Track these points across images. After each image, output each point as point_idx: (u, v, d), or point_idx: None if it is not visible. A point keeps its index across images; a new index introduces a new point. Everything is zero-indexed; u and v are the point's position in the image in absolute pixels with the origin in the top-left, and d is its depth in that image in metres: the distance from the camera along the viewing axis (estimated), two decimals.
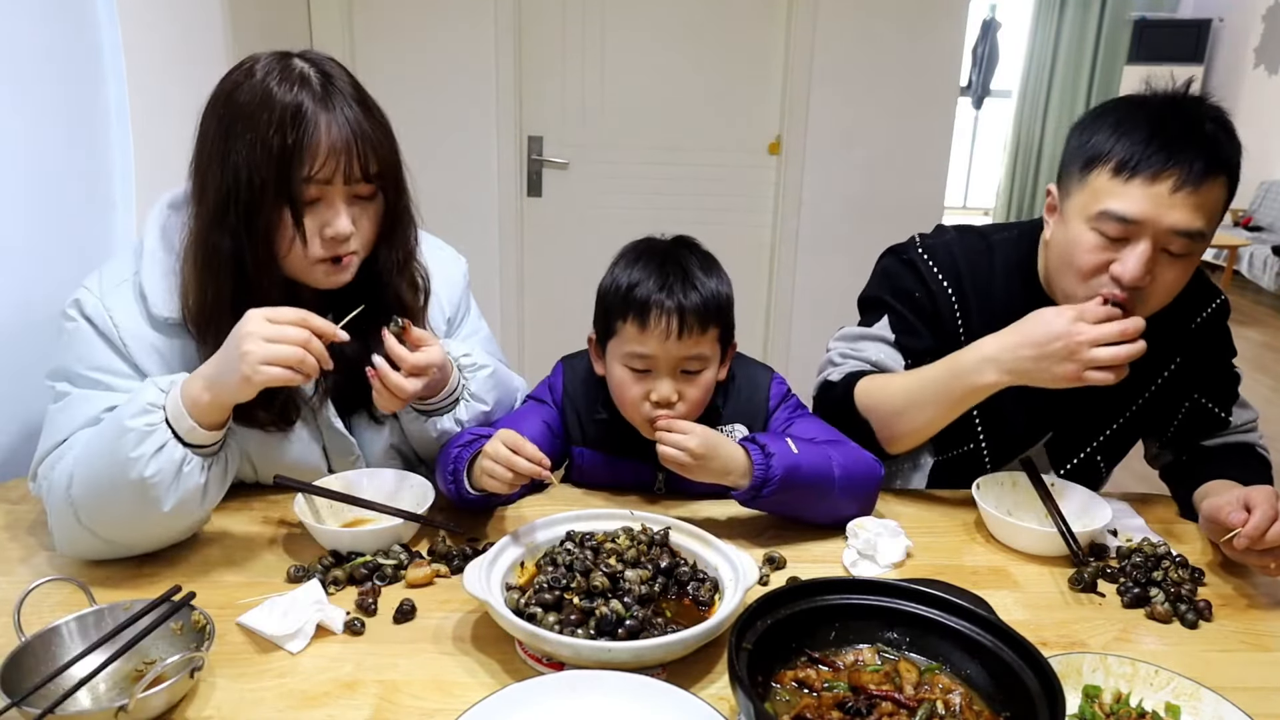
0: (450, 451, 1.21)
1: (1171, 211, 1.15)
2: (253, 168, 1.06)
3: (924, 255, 1.41)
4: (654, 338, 1.23)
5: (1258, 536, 1.09)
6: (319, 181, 1.09)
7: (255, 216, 1.08)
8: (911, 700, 0.82)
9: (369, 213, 1.16)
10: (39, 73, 1.49)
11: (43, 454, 1.12)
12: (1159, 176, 1.15)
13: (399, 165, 1.18)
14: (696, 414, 1.30)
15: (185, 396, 1.03)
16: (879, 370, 1.39)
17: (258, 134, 1.05)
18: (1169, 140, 1.15)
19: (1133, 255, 1.18)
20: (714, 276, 1.28)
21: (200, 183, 1.11)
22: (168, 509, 1.04)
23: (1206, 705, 0.86)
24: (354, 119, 1.09)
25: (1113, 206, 1.17)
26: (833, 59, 3.35)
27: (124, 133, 1.71)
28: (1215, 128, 1.18)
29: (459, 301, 1.43)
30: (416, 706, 0.88)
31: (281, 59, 1.10)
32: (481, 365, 1.32)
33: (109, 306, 1.14)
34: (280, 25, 3.00)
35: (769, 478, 1.15)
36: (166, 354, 1.16)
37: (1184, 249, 1.18)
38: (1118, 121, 1.20)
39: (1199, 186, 1.14)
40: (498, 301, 3.57)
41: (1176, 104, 1.21)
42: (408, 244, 1.25)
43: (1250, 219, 7.40)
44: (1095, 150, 1.20)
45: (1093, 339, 1.14)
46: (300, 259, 1.13)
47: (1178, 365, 1.40)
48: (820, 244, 3.56)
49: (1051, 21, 8.42)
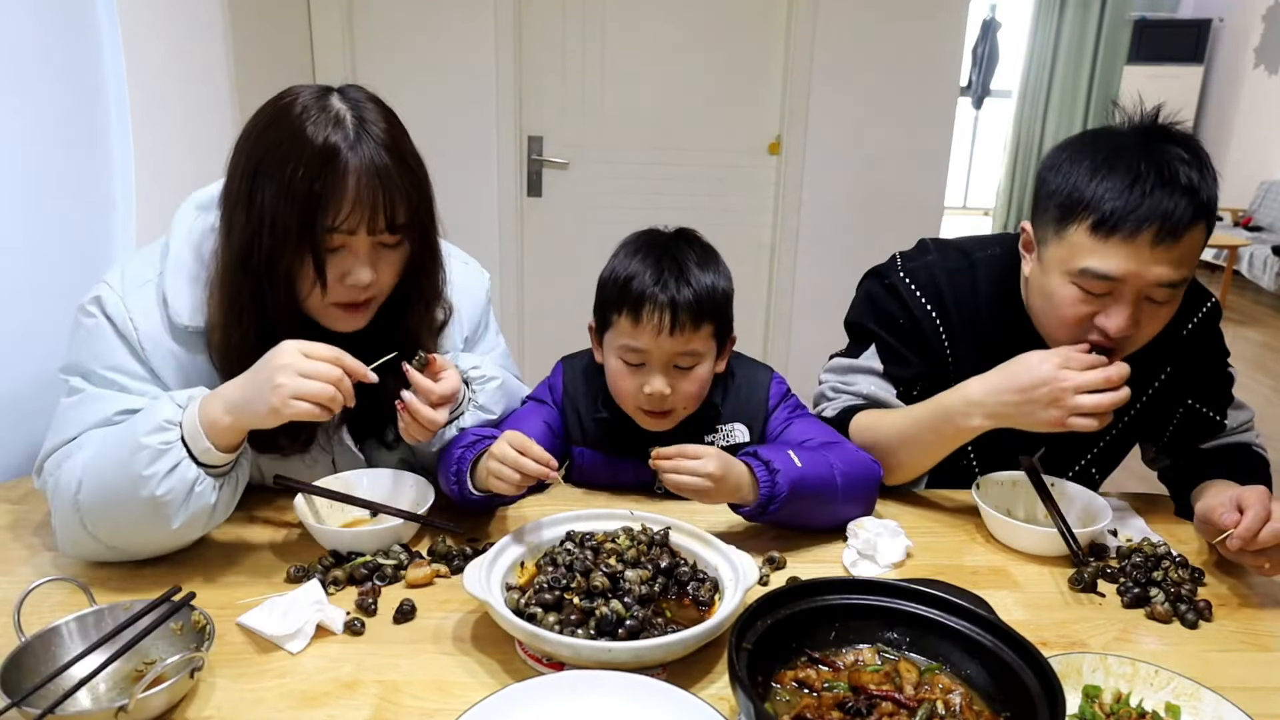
0: (453, 452, 1.20)
1: (1153, 267, 1.13)
2: (276, 213, 1.04)
3: (906, 279, 1.40)
4: (646, 333, 1.24)
5: (1250, 537, 1.09)
6: (343, 231, 1.07)
7: (277, 261, 1.07)
8: (911, 700, 0.82)
9: (391, 260, 1.14)
10: (39, 73, 1.49)
11: (50, 449, 1.12)
12: (1138, 233, 1.12)
13: (430, 214, 1.15)
14: (691, 407, 1.31)
15: (204, 417, 1.02)
16: (872, 403, 1.39)
17: (284, 177, 1.03)
18: (1146, 193, 1.12)
19: (1117, 309, 1.17)
20: (711, 271, 1.28)
21: (228, 218, 1.10)
22: (176, 526, 1.04)
23: (1206, 705, 0.86)
24: (383, 166, 1.06)
25: (1093, 265, 1.15)
26: (833, 59, 3.35)
27: (124, 133, 1.71)
28: (1190, 170, 1.14)
29: (479, 319, 1.42)
30: (416, 706, 0.88)
31: (320, 96, 1.08)
32: (491, 377, 1.32)
33: (130, 307, 1.13)
34: (280, 26, 3.00)
35: (775, 494, 1.14)
36: (184, 361, 1.15)
37: (1167, 297, 1.18)
38: (1093, 169, 1.16)
39: (1179, 239, 1.12)
40: (497, 301, 3.54)
41: (1149, 143, 1.17)
42: (433, 290, 1.24)
43: (1250, 219, 7.40)
44: (1071, 201, 1.17)
45: (1078, 385, 1.13)
46: (318, 302, 1.12)
47: (1170, 373, 1.40)
48: (820, 244, 3.56)
49: (1051, 21, 8.41)
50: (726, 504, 1.20)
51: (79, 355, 1.14)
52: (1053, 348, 1.22)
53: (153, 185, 1.79)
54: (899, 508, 1.34)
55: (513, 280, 3.60)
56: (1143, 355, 1.24)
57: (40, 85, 1.49)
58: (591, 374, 1.40)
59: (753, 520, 1.20)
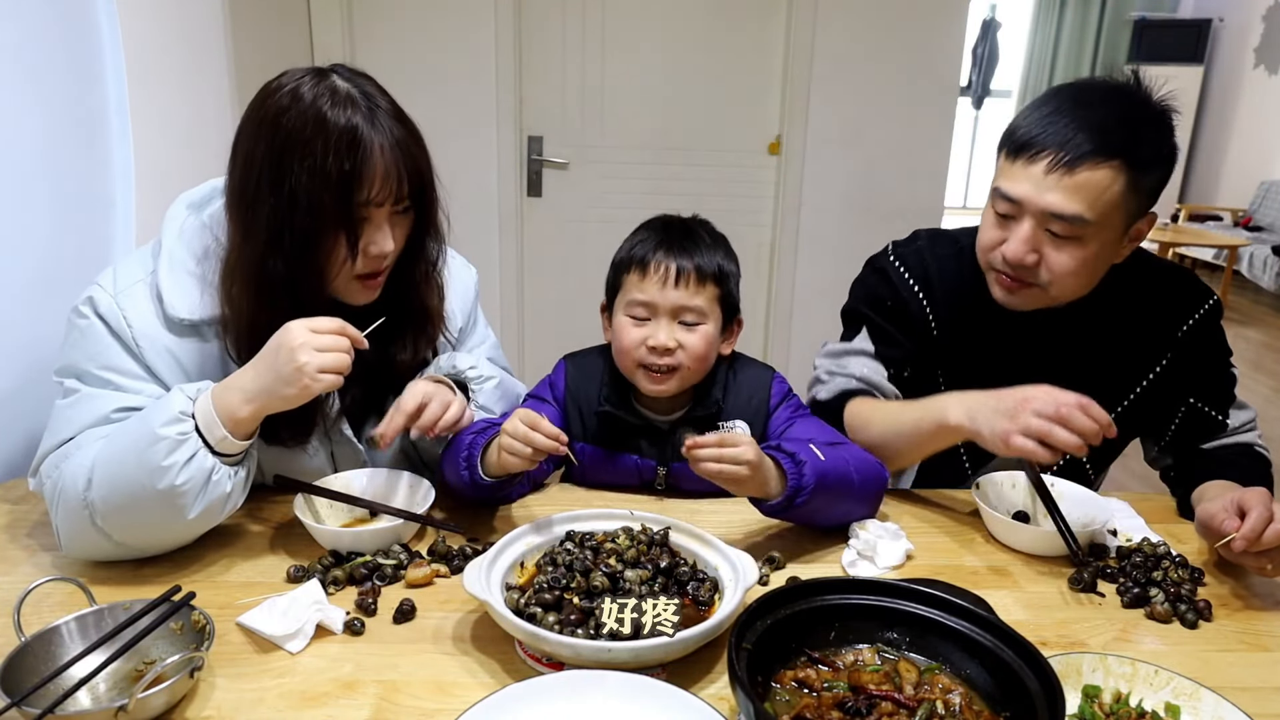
0: (463, 439, 1.21)
1: (1046, 193, 1.19)
2: (311, 194, 1.06)
3: (895, 262, 1.45)
4: (653, 284, 1.30)
5: (1254, 539, 1.09)
6: (375, 205, 1.11)
7: (311, 241, 1.10)
8: (911, 700, 0.82)
9: (404, 226, 1.19)
10: (39, 73, 1.49)
11: (46, 450, 1.12)
12: (1037, 158, 1.19)
13: (433, 179, 1.19)
14: (694, 368, 1.33)
15: (219, 408, 1.04)
16: (865, 385, 1.41)
17: (315, 161, 1.06)
18: (1055, 123, 1.18)
19: (1015, 235, 1.23)
20: (720, 252, 1.35)
21: (247, 210, 1.11)
22: (193, 516, 1.05)
23: (1206, 705, 0.86)
24: (402, 139, 1.11)
25: (1001, 184, 1.23)
26: (833, 59, 3.35)
27: (124, 133, 1.71)
28: (1121, 116, 1.18)
29: (469, 312, 1.45)
30: (416, 706, 0.88)
31: (322, 78, 1.10)
32: (489, 376, 1.35)
33: (123, 306, 1.14)
34: (280, 25, 3.00)
35: (802, 485, 1.13)
36: (180, 356, 1.16)
37: (1066, 231, 1.21)
38: (1037, 104, 1.24)
39: (1074, 169, 1.17)
40: (498, 301, 3.57)
41: (1094, 91, 1.22)
42: (434, 254, 1.27)
43: (1250, 219, 7.40)
44: (1008, 130, 1.26)
45: (1040, 408, 1.11)
46: (345, 278, 1.16)
47: (1165, 367, 1.40)
48: (820, 244, 3.56)
49: (1051, 21, 8.42)
50: (749, 499, 1.19)
51: (73, 357, 1.15)
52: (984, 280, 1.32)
53: (153, 185, 1.79)
54: (899, 507, 1.34)
55: (513, 280, 3.60)
56: (1138, 347, 1.25)
57: (40, 85, 1.49)
58: (594, 369, 1.41)
59: (774, 515, 1.19)
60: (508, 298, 3.60)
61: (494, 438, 1.17)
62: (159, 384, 1.15)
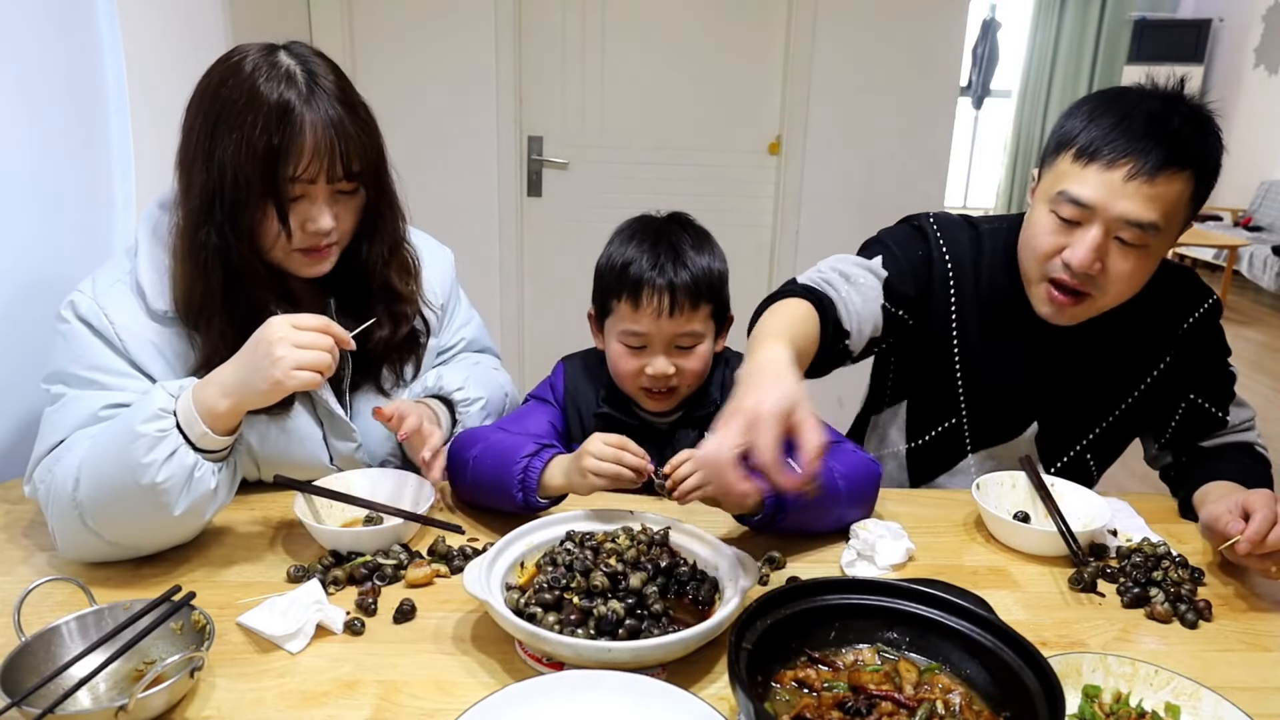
0: (516, 463, 1.18)
1: (1123, 200, 1.17)
2: (238, 167, 1.08)
3: (934, 225, 1.43)
4: (647, 316, 1.27)
5: (1259, 541, 1.09)
6: (303, 181, 1.12)
7: (240, 213, 1.11)
8: (911, 700, 0.82)
9: (350, 206, 1.20)
10: (39, 72, 1.49)
11: (39, 456, 1.12)
12: (1115, 164, 1.17)
13: (382, 161, 1.21)
14: (694, 384, 1.34)
15: (199, 403, 1.04)
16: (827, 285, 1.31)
17: (243, 134, 1.07)
18: (1131, 130, 1.17)
19: (1083, 241, 1.21)
20: (706, 253, 1.32)
21: (186, 178, 1.14)
22: (178, 513, 1.05)
23: (1206, 705, 0.86)
24: (337, 119, 1.11)
25: (1069, 189, 1.20)
26: (833, 59, 3.35)
27: (124, 133, 1.71)
28: (1185, 124, 1.19)
29: (449, 291, 1.47)
30: (416, 706, 0.88)
31: (268, 54, 1.12)
32: (475, 398, 1.37)
33: (103, 305, 1.15)
34: (280, 25, 3.00)
35: (782, 506, 1.13)
36: (164, 348, 1.17)
37: (1136, 239, 1.20)
38: (1093, 109, 1.23)
39: (1154, 178, 1.16)
40: (498, 301, 3.57)
41: (1154, 98, 1.22)
42: (394, 234, 1.29)
43: (1250, 219, 7.40)
44: (1066, 135, 1.24)
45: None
46: (283, 250, 1.17)
47: (1167, 365, 1.40)
48: (820, 244, 3.55)
49: (1051, 21, 8.41)
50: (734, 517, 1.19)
51: (58, 363, 1.16)
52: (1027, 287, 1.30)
53: (153, 185, 1.78)
54: (899, 507, 1.34)
55: (513, 280, 3.60)
56: (1140, 345, 1.24)
57: (40, 85, 1.49)
58: (592, 371, 1.41)
59: (761, 530, 1.19)
60: (508, 297, 3.60)
61: (550, 460, 1.17)
62: (145, 378, 1.16)
